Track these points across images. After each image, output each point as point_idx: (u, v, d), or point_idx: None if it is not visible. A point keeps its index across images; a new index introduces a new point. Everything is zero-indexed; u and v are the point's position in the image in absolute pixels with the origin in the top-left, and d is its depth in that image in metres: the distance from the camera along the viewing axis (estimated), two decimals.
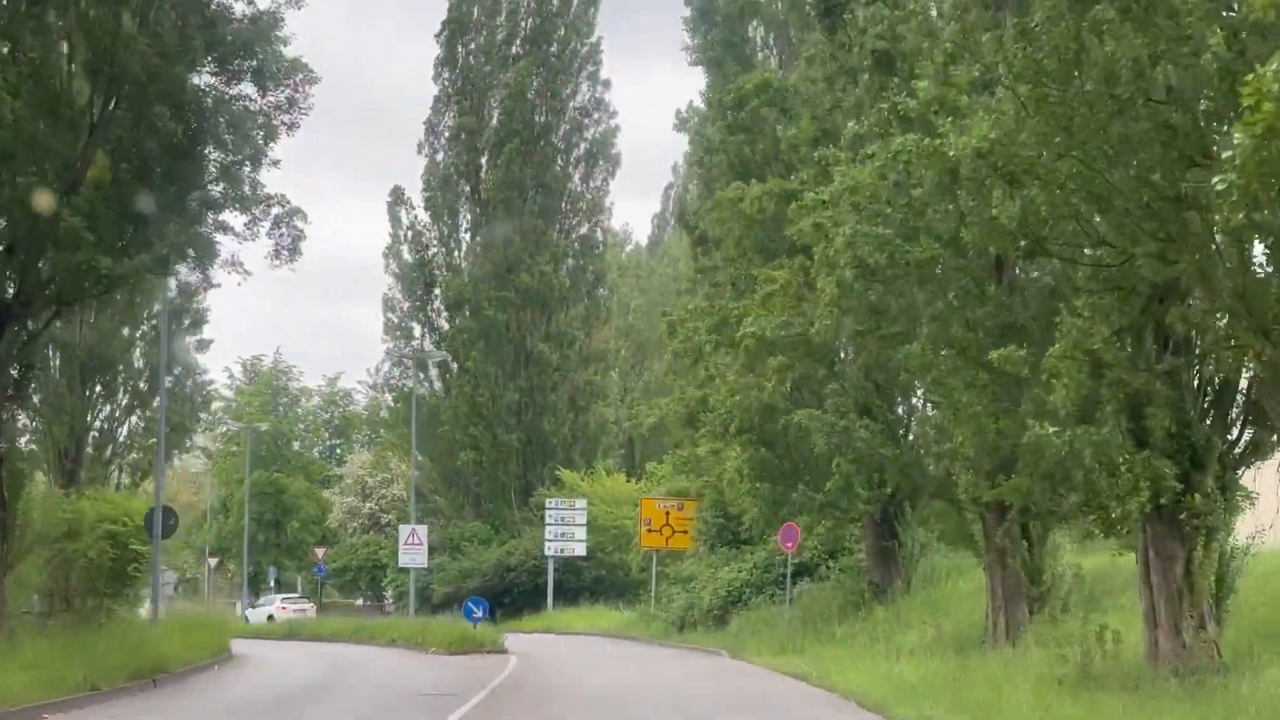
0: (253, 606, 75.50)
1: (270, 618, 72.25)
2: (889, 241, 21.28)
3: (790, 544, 37.70)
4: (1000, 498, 23.75)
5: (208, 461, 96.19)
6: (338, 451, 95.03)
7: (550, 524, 63.91)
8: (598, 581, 65.48)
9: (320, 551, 78.54)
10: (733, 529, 49.05)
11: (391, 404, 75.78)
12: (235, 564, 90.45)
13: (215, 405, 61.07)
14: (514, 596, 66.90)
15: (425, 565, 52.70)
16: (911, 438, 33.01)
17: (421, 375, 75.66)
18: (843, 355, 36.59)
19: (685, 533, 52.24)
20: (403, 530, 51.72)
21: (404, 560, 51.17)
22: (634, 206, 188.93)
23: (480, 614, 40.01)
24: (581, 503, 64.50)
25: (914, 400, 32.03)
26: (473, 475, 73.07)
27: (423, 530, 51.77)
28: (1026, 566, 29.30)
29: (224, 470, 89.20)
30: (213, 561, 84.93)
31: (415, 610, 63.58)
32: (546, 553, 64.06)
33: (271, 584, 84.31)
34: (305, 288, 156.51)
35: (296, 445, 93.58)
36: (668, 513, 52.67)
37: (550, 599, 63.43)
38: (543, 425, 71.96)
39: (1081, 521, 22.94)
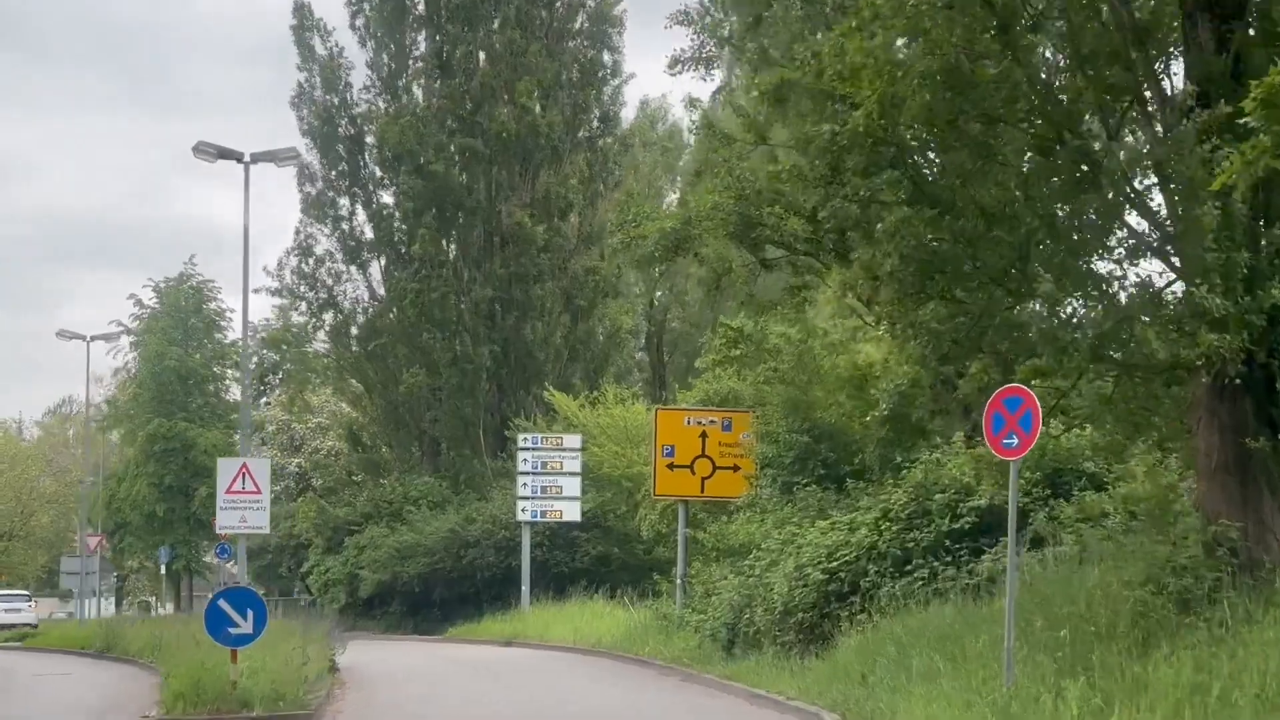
0: None
1: None
2: None
3: (1018, 442, 14.17)
4: None
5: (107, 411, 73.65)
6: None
7: (525, 472, 40.86)
8: (601, 563, 42.37)
9: None
10: (826, 453, 26.00)
11: (304, 311, 52.82)
12: (136, 543, 67.79)
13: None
14: (475, 586, 44.00)
15: (265, 528, 29.44)
16: None
17: (355, 270, 52.77)
18: None
19: (735, 469, 28.92)
20: (222, 468, 28.70)
21: (224, 520, 28.16)
22: None
23: (246, 627, 16.63)
24: (574, 438, 41.39)
25: None
26: (426, 409, 50.05)
27: (263, 468, 28.68)
28: None
29: (119, 420, 66.70)
30: (93, 542, 62.26)
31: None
32: (519, 517, 41.04)
33: (163, 568, 61.74)
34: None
35: (225, 388, 70.30)
36: (703, 433, 29.31)
37: (526, 590, 40.43)
38: (524, 332, 48.77)
39: None
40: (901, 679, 15.32)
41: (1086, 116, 15.15)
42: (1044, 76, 14.79)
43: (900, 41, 14.79)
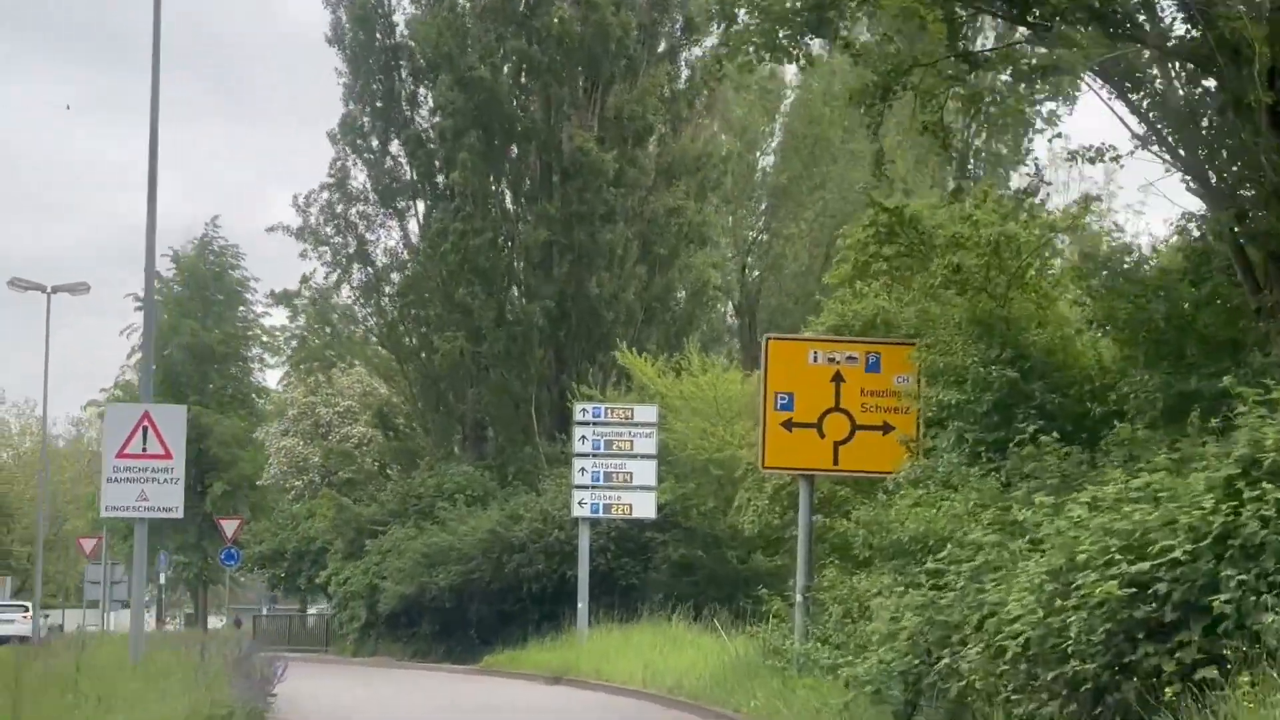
0: None
1: None
2: None
3: None
4: None
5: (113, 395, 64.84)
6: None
7: (584, 453, 31.23)
8: (683, 572, 32.51)
9: (230, 525, 45.93)
10: (1044, 395, 16.14)
11: (329, 260, 43.28)
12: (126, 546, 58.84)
13: None
14: (519, 602, 34.33)
15: (176, 511, 19.93)
16: None
17: (389, 216, 43.37)
18: None
19: (886, 429, 18.94)
20: (113, 418, 19.27)
21: (114, 497, 18.80)
22: None
23: None
24: (649, 410, 31.76)
25: None
26: (469, 384, 40.53)
27: (174, 419, 19.24)
28: None
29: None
30: (88, 545, 53.43)
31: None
32: (576, 512, 31.40)
33: (161, 577, 52.85)
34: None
35: (258, 372, 60.89)
36: (838, 374, 19.29)
37: (584, 608, 30.70)
38: (587, 285, 39.05)
39: None
40: None
41: None
42: None
43: None
